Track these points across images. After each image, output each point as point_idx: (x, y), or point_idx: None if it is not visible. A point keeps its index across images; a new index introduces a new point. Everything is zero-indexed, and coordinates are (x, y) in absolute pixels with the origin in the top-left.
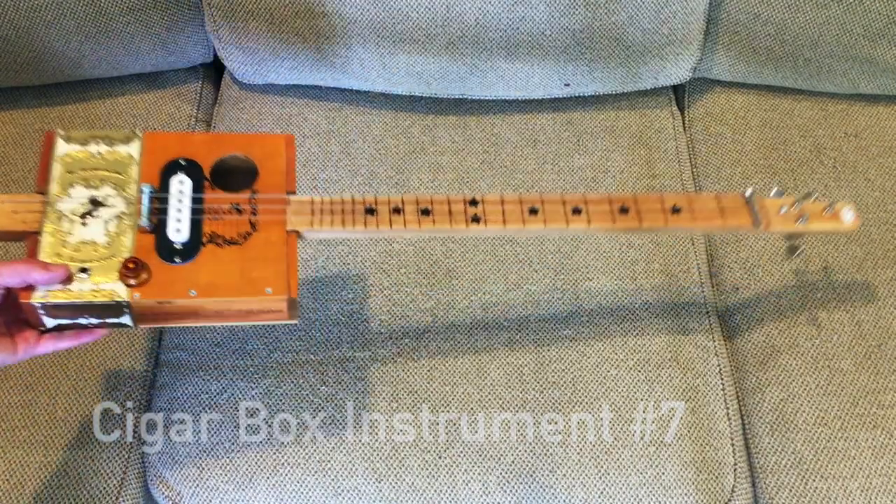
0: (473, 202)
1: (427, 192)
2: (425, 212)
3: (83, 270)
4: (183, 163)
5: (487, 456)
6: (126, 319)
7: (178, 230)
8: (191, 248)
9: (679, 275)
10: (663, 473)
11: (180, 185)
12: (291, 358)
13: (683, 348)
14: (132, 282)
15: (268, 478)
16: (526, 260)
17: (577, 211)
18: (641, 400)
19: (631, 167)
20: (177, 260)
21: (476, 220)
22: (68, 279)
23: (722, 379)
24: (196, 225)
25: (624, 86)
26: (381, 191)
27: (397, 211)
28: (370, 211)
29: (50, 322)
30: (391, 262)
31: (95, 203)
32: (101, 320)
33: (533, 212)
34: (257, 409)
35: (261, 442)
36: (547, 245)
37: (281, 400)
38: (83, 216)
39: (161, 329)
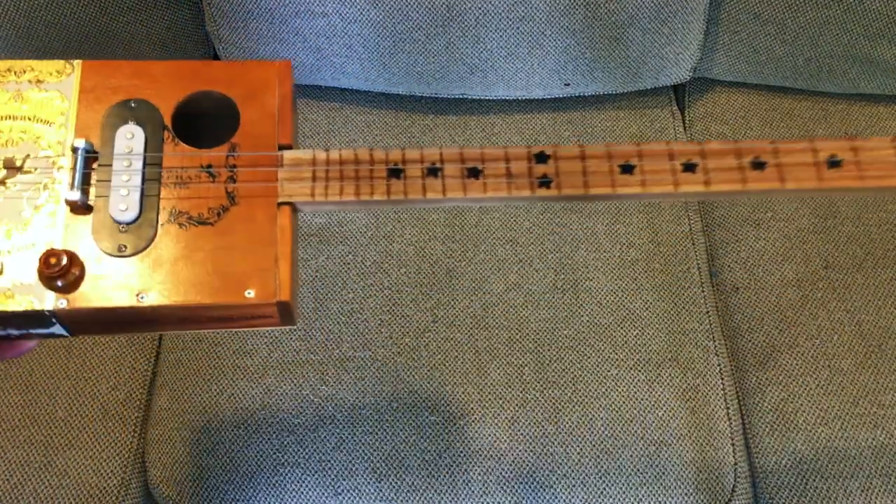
0: (542, 157)
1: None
2: (473, 172)
3: None
4: (133, 105)
5: (487, 456)
6: (58, 329)
7: (125, 205)
8: (142, 231)
9: (679, 275)
10: (663, 473)
11: (129, 140)
12: (291, 358)
13: (683, 348)
14: (58, 283)
15: (268, 478)
16: (526, 260)
17: (690, 167)
18: (641, 400)
19: None
20: (122, 249)
21: (545, 183)
22: None
23: (722, 379)
24: (150, 197)
25: (624, 86)
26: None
27: (434, 172)
28: (395, 172)
29: None
30: (391, 262)
31: (11, 168)
32: (25, 331)
33: (626, 170)
34: (257, 408)
35: (261, 442)
36: (547, 245)
37: (281, 400)
38: None
39: None
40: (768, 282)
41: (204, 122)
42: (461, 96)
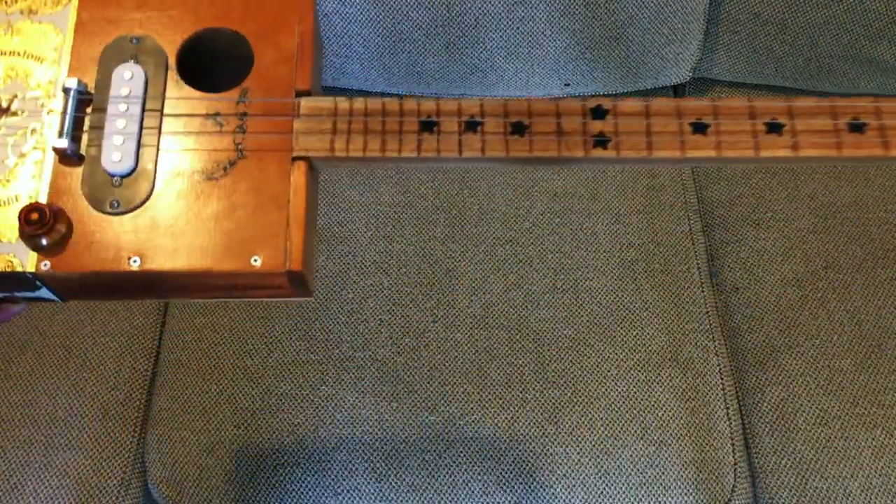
0: (598, 111)
1: (428, 190)
2: (518, 128)
3: None
4: (135, 41)
5: (487, 456)
6: (46, 293)
7: (119, 156)
8: (137, 186)
9: (679, 275)
10: (663, 473)
11: (128, 80)
12: (291, 358)
13: (683, 348)
14: (42, 242)
15: (268, 478)
16: (526, 260)
17: (775, 128)
18: (641, 400)
19: (630, 166)
20: (115, 204)
21: (602, 142)
22: None
23: (722, 379)
24: (148, 147)
25: (624, 86)
26: (382, 191)
27: (472, 127)
28: (428, 126)
29: None
30: (391, 262)
31: None
32: (9, 294)
33: (699, 129)
34: (259, 408)
35: (261, 442)
36: (547, 245)
37: (281, 400)
38: None
39: (161, 328)
40: (768, 282)
41: (213, 62)
42: (461, 96)
